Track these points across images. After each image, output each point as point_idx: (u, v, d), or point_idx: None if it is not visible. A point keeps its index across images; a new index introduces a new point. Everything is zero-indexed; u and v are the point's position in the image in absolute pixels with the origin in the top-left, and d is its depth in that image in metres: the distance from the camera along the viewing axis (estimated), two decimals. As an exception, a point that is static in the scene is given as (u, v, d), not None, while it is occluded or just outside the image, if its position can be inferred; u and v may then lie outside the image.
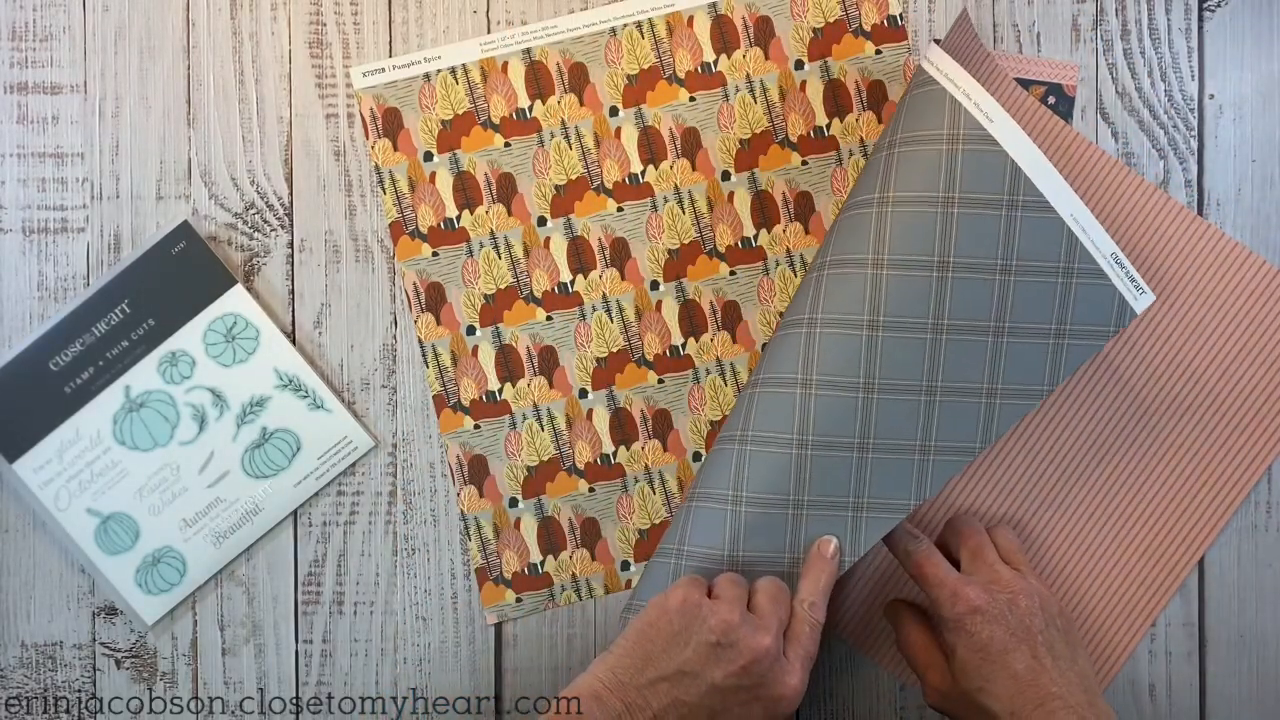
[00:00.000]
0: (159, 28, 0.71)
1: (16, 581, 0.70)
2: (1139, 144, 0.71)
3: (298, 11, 0.71)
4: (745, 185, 0.71)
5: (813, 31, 0.71)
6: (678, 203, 0.71)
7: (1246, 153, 0.71)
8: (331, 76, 0.71)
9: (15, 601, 0.70)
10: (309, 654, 0.71)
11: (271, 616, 0.71)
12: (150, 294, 0.69)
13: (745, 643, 0.58)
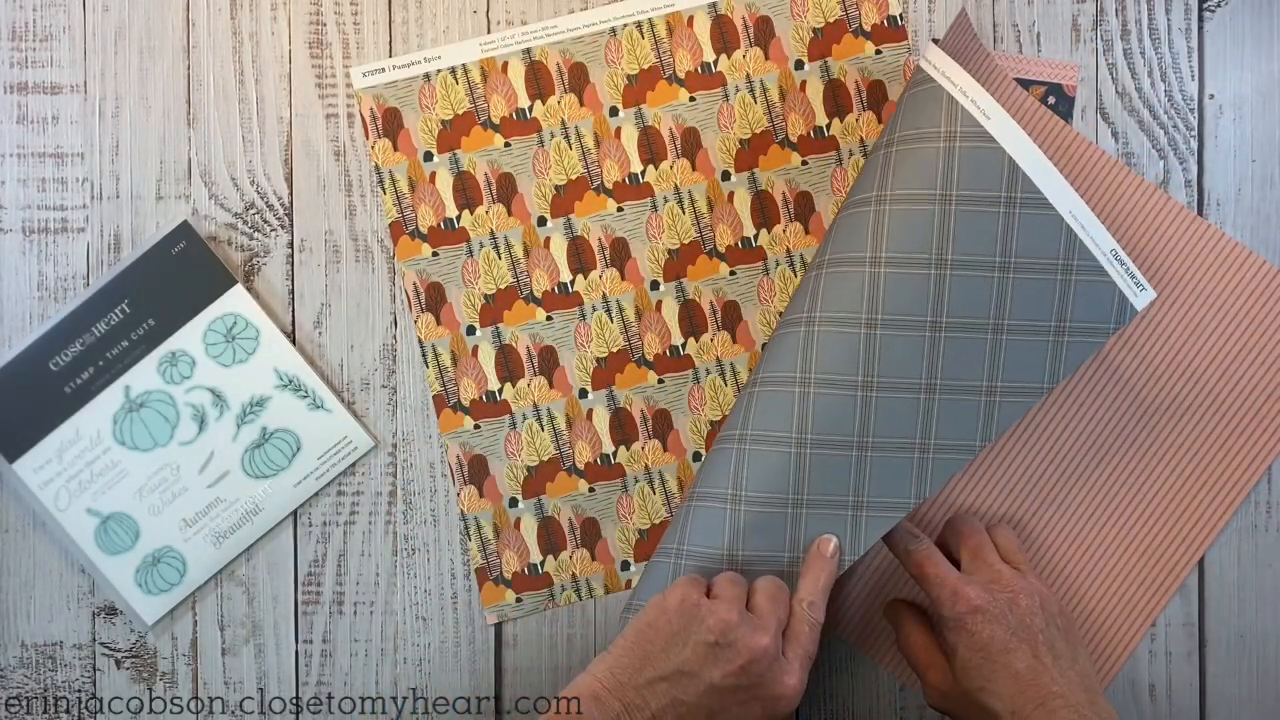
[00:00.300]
0: (159, 28, 0.71)
1: (16, 581, 0.70)
2: (1139, 144, 0.71)
3: (298, 11, 0.71)
4: (745, 185, 0.71)
5: (813, 31, 0.71)
6: (678, 203, 0.71)
7: (1246, 153, 0.71)
8: (331, 76, 0.71)
9: (15, 601, 0.70)
10: (309, 654, 0.71)
11: (271, 616, 0.71)
12: (150, 294, 0.69)
13: (743, 642, 0.58)
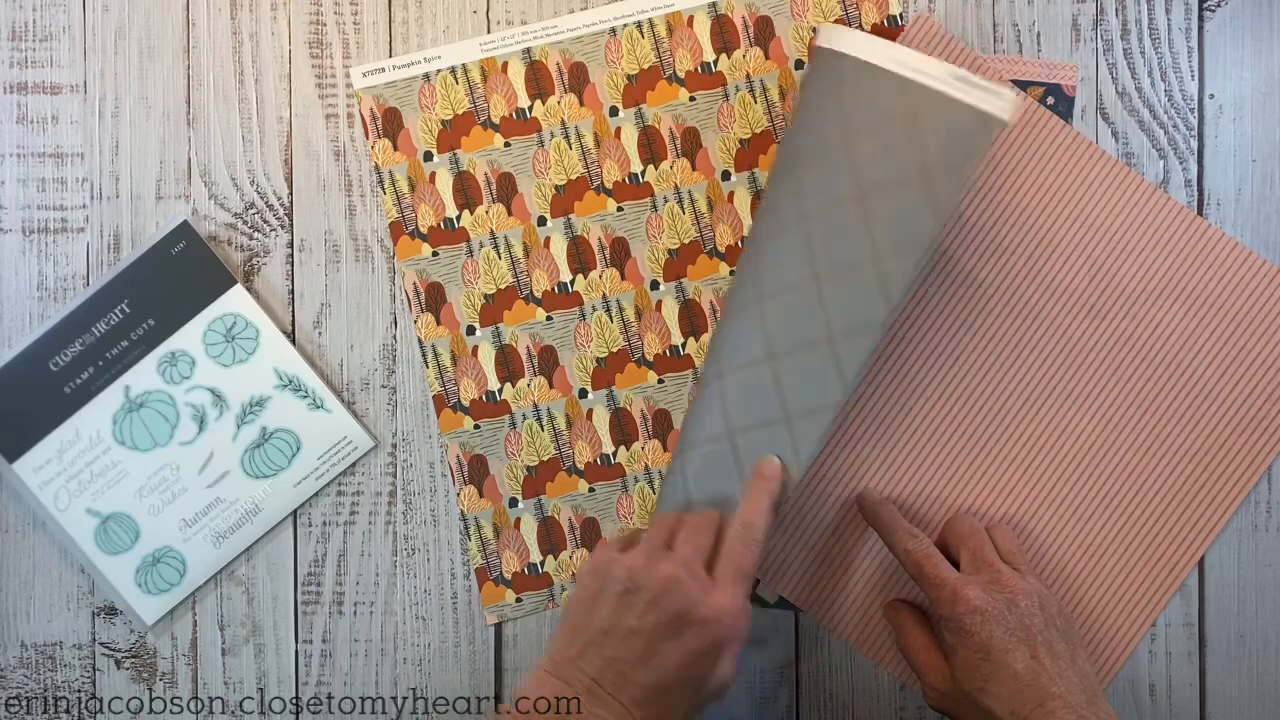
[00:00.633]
0: (159, 28, 0.71)
1: (16, 581, 0.70)
2: (1139, 144, 0.71)
3: (298, 11, 0.71)
4: (745, 185, 0.71)
5: (813, 31, 0.71)
6: (678, 202, 0.71)
7: (1246, 153, 0.71)
8: (331, 76, 0.71)
9: (15, 601, 0.70)
10: (309, 654, 0.71)
11: (271, 616, 0.71)
12: (150, 294, 0.69)
13: (649, 579, 0.57)
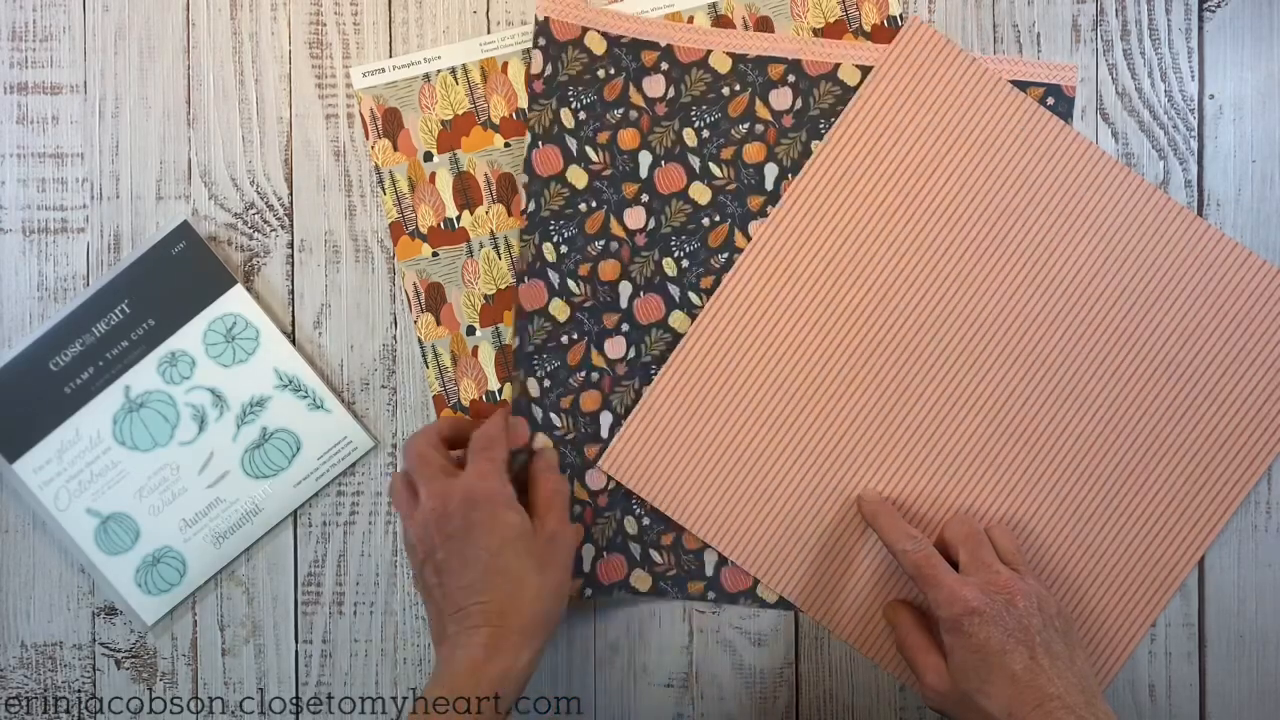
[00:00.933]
0: (159, 28, 0.71)
1: (16, 581, 0.71)
2: (1139, 144, 0.70)
3: (298, 11, 0.71)
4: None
5: (813, 32, 0.71)
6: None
7: (1246, 153, 0.71)
8: (331, 76, 0.71)
9: (15, 601, 0.70)
10: (309, 654, 0.71)
11: (271, 616, 0.71)
12: (150, 294, 0.69)
13: (396, 499, 0.64)
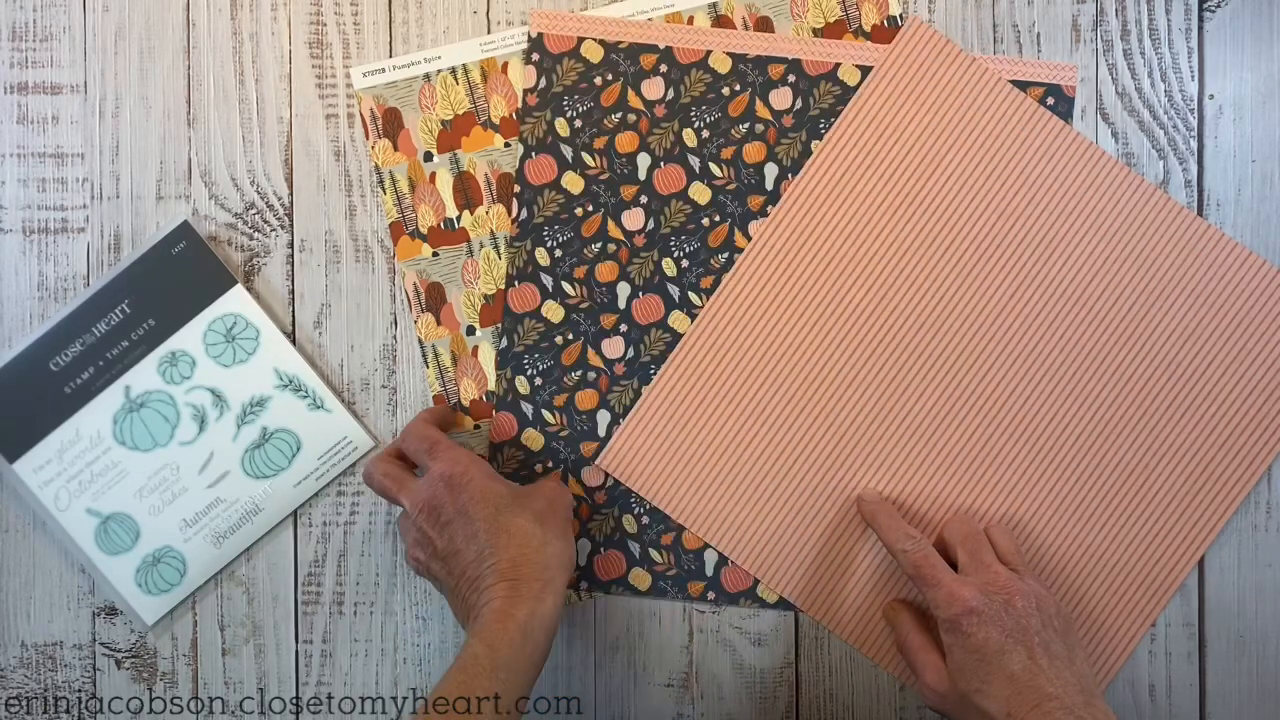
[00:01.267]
0: (159, 28, 0.71)
1: (16, 581, 0.71)
2: (1139, 144, 0.70)
3: (298, 11, 0.71)
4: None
5: (813, 32, 0.71)
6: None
7: (1246, 153, 0.71)
8: (331, 76, 0.71)
9: (15, 601, 0.70)
10: (309, 654, 0.71)
11: (271, 616, 0.71)
12: (150, 294, 0.69)
13: (402, 527, 0.65)
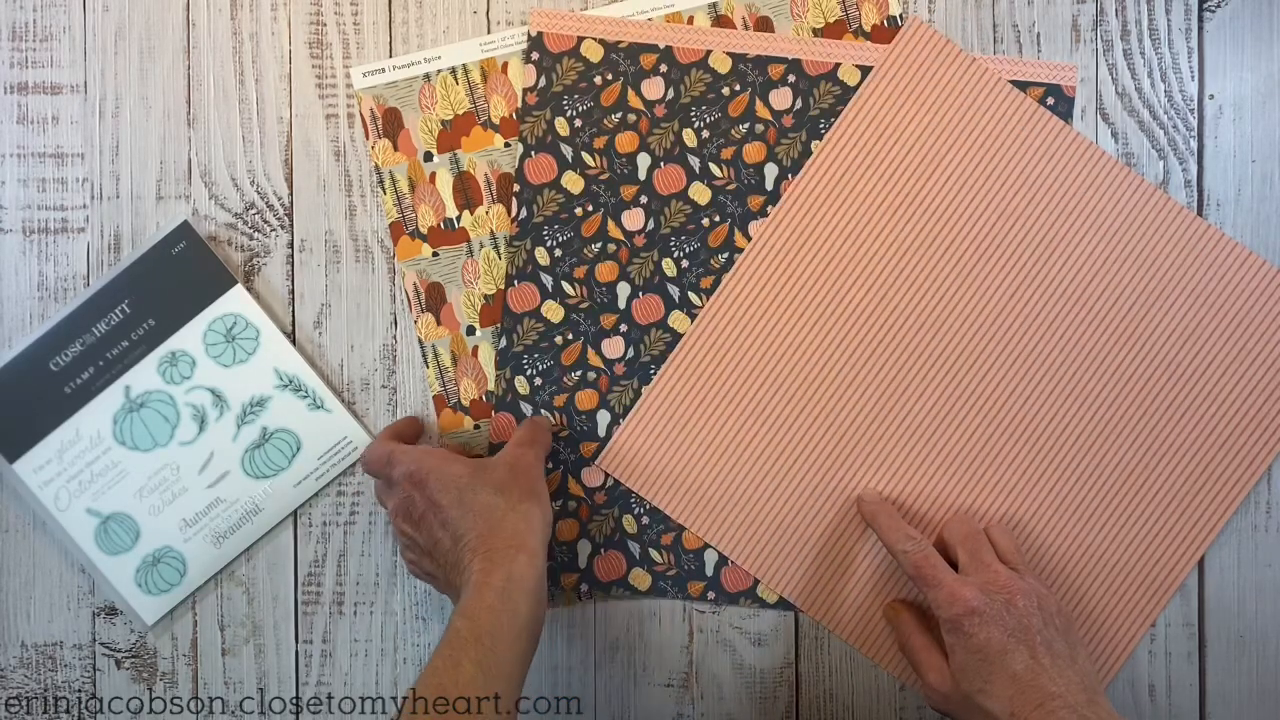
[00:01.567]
0: (159, 28, 0.71)
1: (16, 581, 0.70)
2: (1139, 144, 0.71)
3: (298, 11, 0.71)
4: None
5: (813, 32, 0.71)
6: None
7: (1246, 153, 0.71)
8: (331, 77, 0.71)
9: (15, 601, 0.70)
10: (309, 654, 0.71)
11: (271, 616, 0.71)
12: (150, 294, 0.69)
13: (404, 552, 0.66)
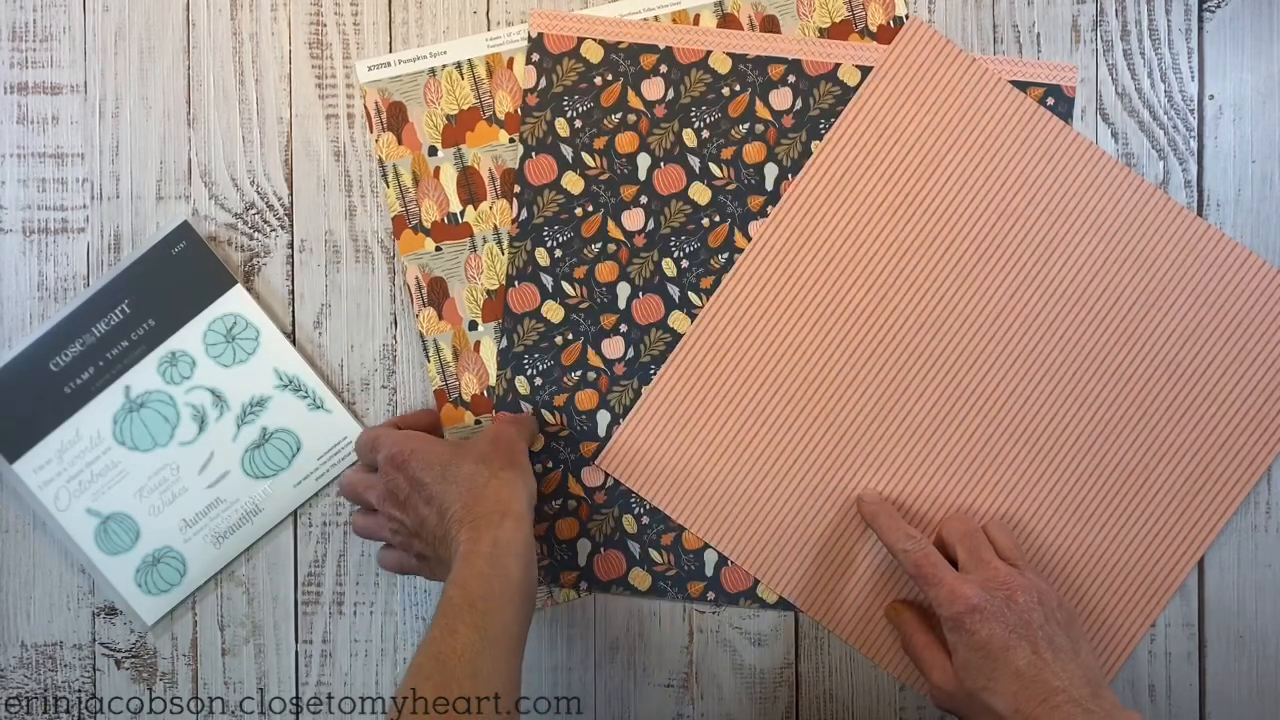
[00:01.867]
0: (159, 28, 0.71)
1: (16, 581, 0.70)
2: (1139, 144, 0.71)
3: (298, 11, 0.71)
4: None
5: (819, 31, 0.71)
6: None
7: (1246, 153, 0.71)
8: (331, 77, 0.71)
9: (15, 601, 0.70)
10: (309, 654, 0.71)
11: (271, 616, 0.71)
12: (150, 294, 0.69)
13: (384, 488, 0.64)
